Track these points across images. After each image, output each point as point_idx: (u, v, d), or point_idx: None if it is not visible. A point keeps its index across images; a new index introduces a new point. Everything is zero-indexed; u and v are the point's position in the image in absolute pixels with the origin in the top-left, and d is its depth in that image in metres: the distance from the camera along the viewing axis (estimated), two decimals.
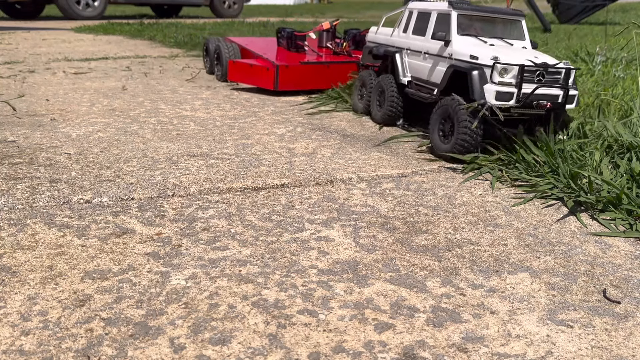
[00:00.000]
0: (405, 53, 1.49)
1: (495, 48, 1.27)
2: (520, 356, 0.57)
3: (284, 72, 1.95)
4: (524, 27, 1.38)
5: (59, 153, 1.22)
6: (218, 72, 2.29)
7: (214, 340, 0.58)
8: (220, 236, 0.83)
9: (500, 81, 1.16)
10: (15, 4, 6.87)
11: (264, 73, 1.98)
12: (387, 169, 1.18)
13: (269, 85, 1.96)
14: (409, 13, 1.52)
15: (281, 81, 1.96)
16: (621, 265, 0.78)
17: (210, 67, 2.43)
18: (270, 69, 1.95)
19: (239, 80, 2.08)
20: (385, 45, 1.59)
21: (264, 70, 1.97)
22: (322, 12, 10.37)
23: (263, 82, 1.99)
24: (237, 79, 2.09)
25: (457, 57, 1.28)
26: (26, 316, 0.61)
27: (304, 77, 2.00)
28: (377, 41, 1.66)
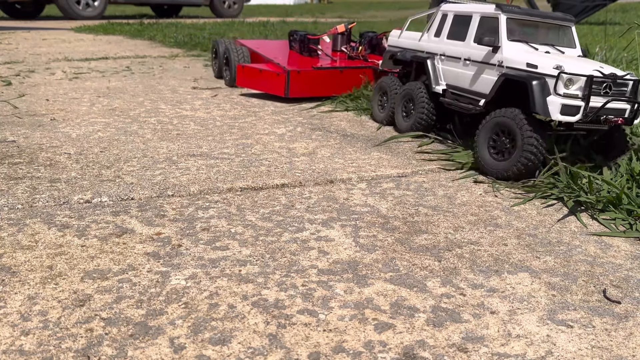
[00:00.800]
0: (439, 59, 1.38)
1: (553, 56, 1.16)
2: (520, 356, 0.57)
3: (295, 77, 1.84)
4: (574, 34, 1.28)
5: (59, 153, 1.22)
6: (227, 76, 2.18)
7: (214, 340, 0.58)
8: (220, 236, 0.83)
9: (565, 93, 1.05)
10: (15, 4, 6.87)
11: (274, 79, 1.86)
12: (387, 168, 1.18)
13: (280, 92, 1.85)
14: (442, 16, 1.40)
15: (292, 87, 1.84)
16: (621, 265, 0.78)
17: (218, 71, 2.32)
18: (281, 74, 1.84)
19: (248, 86, 1.96)
20: (412, 50, 1.48)
21: (274, 76, 1.86)
22: (322, 12, 10.37)
23: (273, 88, 1.87)
24: (246, 84, 1.97)
25: (509, 64, 1.16)
26: (26, 316, 0.61)
27: (316, 83, 1.88)
28: (400, 45, 1.55)
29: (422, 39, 1.46)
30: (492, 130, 1.15)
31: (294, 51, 2.20)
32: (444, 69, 1.37)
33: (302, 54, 2.13)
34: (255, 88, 1.95)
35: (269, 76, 1.88)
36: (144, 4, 7.35)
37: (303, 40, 2.13)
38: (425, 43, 1.45)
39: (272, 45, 2.35)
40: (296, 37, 2.18)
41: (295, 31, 2.21)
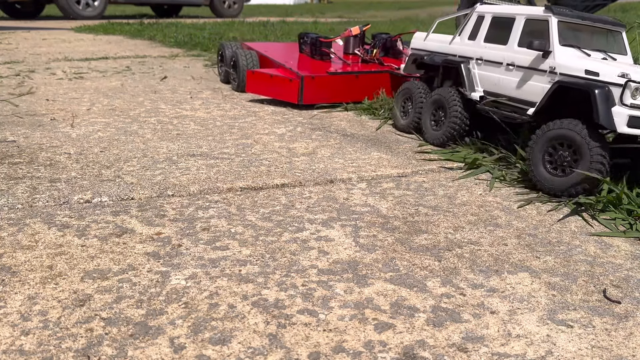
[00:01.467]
0: (475, 63, 1.28)
1: (614, 63, 1.08)
2: (520, 356, 0.57)
3: (309, 83, 1.74)
4: (624, 40, 1.20)
5: (59, 153, 1.22)
6: (234, 82, 2.07)
7: (214, 340, 0.58)
8: (220, 236, 0.83)
9: (633, 104, 0.96)
10: (15, 3, 6.87)
11: (286, 85, 1.76)
12: (387, 168, 1.18)
13: (293, 99, 1.75)
14: (478, 18, 1.31)
15: (306, 94, 1.74)
16: (621, 265, 0.78)
17: (225, 75, 2.21)
18: (294, 80, 1.74)
19: (259, 92, 1.85)
20: (442, 53, 1.39)
21: (287, 82, 1.76)
22: (322, 12, 10.37)
23: (286, 94, 1.77)
24: (256, 90, 1.85)
25: (563, 71, 1.08)
26: (26, 316, 0.61)
27: (331, 89, 1.78)
28: (427, 49, 1.46)
29: (453, 41, 1.37)
30: (549, 144, 1.05)
31: (304, 54, 2.10)
32: (481, 74, 1.27)
33: (313, 58, 2.02)
34: (265, 94, 1.84)
35: (281, 82, 1.78)
36: (144, 4, 7.35)
37: (315, 43, 2.01)
38: (457, 46, 1.35)
39: (282, 49, 2.24)
40: (307, 39, 2.07)
41: (306, 33, 2.10)
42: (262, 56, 2.06)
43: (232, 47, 2.17)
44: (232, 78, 2.10)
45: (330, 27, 5.34)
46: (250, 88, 1.87)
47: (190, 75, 2.44)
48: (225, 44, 2.20)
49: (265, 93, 1.84)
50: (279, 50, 2.18)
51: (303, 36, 2.10)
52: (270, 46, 2.30)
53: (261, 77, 1.83)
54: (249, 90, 1.88)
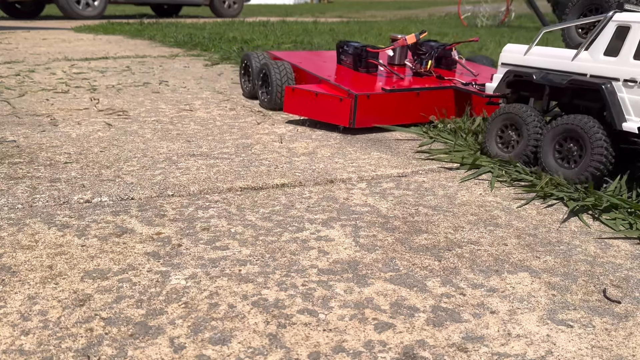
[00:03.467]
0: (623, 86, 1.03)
1: None
2: (520, 356, 0.57)
3: (364, 103, 1.46)
4: None
5: (59, 153, 1.22)
6: (264, 98, 1.78)
7: (214, 340, 0.58)
8: (220, 236, 0.83)
9: None
10: (15, 3, 6.87)
11: (335, 105, 1.48)
12: (387, 168, 1.18)
13: (342, 121, 1.47)
14: (619, 29, 1.06)
15: (360, 116, 1.46)
16: (621, 265, 0.78)
17: (251, 89, 1.91)
18: (345, 99, 1.45)
19: (299, 112, 1.56)
20: (560, 72, 1.14)
21: (336, 102, 1.47)
22: (322, 12, 10.38)
23: (333, 116, 1.49)
24: (296, 111, 1.57)
25: None
26: (26, 316, 0.61)
27: (388, 110, 1.51)
28: (530, 65, 1.20)
29: (578, 57, 1.12)
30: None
31: (344, 66, 1.82)
32: (634, 99, 1.02)
33: (357, 70, 1.74)
34: (307, 115, 1.55)
35: (328, 102, 1.49)
36: (144, 4, 7.36)
37: (360, 53, 1.72)
38: (588, 64, 1.10)
39: (315, 59, 1.98)
40: (348, 49, 1.79)
41: (346, 42, 1.81)
42: (297, 68, 1.78)
43: (259, 58, 1.89)
44: (261, 94, 1.79)
45: (330, 27, 5.34)
46: (289, 108, 1.58)
47: (191, 75, 2.44)
48: (251, 55, 1.91)
49: (307, 114, 1.55)
50: (313, 61, 1.90)
51: (343, 45, 1.82)
52: (301, 56, 2.02)
53: (303, 95, 1.54)
54: (287, 110, 1.58)
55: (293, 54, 2.05)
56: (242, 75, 1.99)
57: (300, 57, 1.95)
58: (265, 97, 1.77)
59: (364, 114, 1.47)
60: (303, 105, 1.55)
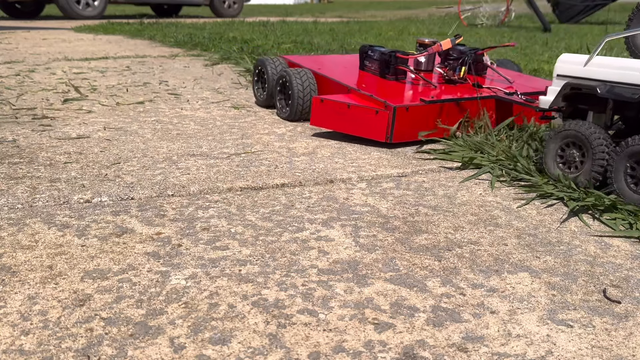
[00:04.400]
0: None
1: None
2: (520, 356, 0.57)
3: (402, 116, 1.32)
4: None
5: (59, 153, 1.22)
6: (283, 108, 1.62)
7: (214, 339, 0.58)
8: (220, 236, 0.83)
9: None
10: (15, 3, 6.87)
11: (371, 118, 1.34)
12: (387, 168, 1.18)
13: (378, 135, 1.34)
14: None
15: (398, 129, 1.33)
16: (621, 265, 0.78)
17: (266, 98, 1.74)
18: (381, 112, 1.32)
19: (328, 126, 1.42)
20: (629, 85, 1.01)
21: (371, 114, 1.34)
22: (322, 12, 10.38)
23: (368, 130, 1.36)
24: (324, 124, 1.42)
25: None
26: (26, 316, 0.61)
27: (427, 123, 1.38)
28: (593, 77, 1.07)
29: None
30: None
31: (369, 73, 1.66)
32: None
33: (384, 78, 1.58)
34: (337, 129, 1.41)
35: (362, 114, 1.36)
36: (144, 4, 7.36)
37: (388, 60, 1.57)
38: None
39: (336, 65, 1.79)
40: (373, 54, 1.63)
41: (371, 46, 1.66)
42: (318, 76, 1.61)
43: (276, 64, 1.72)
44: (279, 103, 1.64)
45: (330, 27, 5.34)
46: (316, 120, 1.43)
47: (191, 75, 2.44)
48: (266, 61, 1.73)
49: (337, 127, 1.41)
50: (333, 67, 1.74)
51: (367, 50, 1.66)
52: (320, 61, 1.83)
53: (334, 107, 1.39)
54: (314, 123, 1.43)
55: (310, 59, 1.86)
56: (255, 82, 1.80)
57: (318, 63, 1.77)
58: (285, 108, 1.61)
59: (402, 127, 1.34)
60: (333, 118, 1.41)
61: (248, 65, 2.63)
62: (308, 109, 1.57)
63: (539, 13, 5.35)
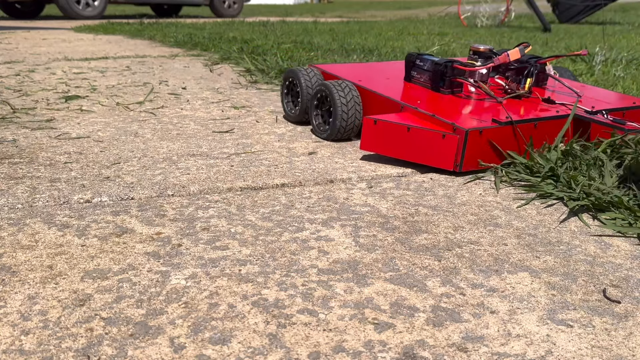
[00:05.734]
0: None
1: None
2: (520, 356, 0.57)
3: (475, 141, 1.12)
4: None
5: (59, 153, 1.22)
6: (320, 126, 1.42)
7: (214, 339, 0.58)
8: (220, 236, 0.83)
9: None
10: (15, 3, 6.87)
11: (436, 143, 1.14)
12: (387, 168, 1.18)
13: (445, 163, 1.14)
14: None
15: (469, 157, 1.13)
16: (621, 265, 0.78)
17: (299, 114, 1.52)
18: (448, 135, 1.12)
19: (383, 151, 1.21)
20: None
21: (437, 139, 1.13)
22: (322, 12, 10.38)
23: (432, 156, 1.15)
24: (378, 148, 1.22)
25: None
26: (26, 316, 0.61)
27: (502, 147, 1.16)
28: None
29: None
30: None
31: (416, 84, 1.46)
32: None
33: (438, 91, 1.38)
34: (395, 155, 1.20)
35: (426, 138, 1.15)
36: (144, 4, 7.36)
37: (444, 71, 1.36)
38: None
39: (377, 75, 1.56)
40: (423, 64, 1.43)
41: (420, 55, 1.46)
42: (361, 89, 1.40)
43: (310, 76, 1.51)
44: (316, 120, 1.43)
45: (330, 27, 5.34)
46: (368, 144, 1.23)
47: (191, 75, 2.44)
48: (299, 72, 1.52)
49: (393, 153, 1.20)
50: (374, 78, 1.52)
51: (415, 59, 1.46)
52: (357, 71, 1.60)
53: (389, 129, 1.20)
54: (366, 147, 1.23)
55: (345, 68, 1.63)
56: (285, 95, 1.60)
57: (356, 73, 1.56)
58: (323, 126, 1.41)
59: (473, 153, 1.13)
60: (389, 142, 1.20)
61: (248, 65, 2.63)
62: (352, 128, 1.36)
63: (539, 13, 5.36)
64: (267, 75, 2.41)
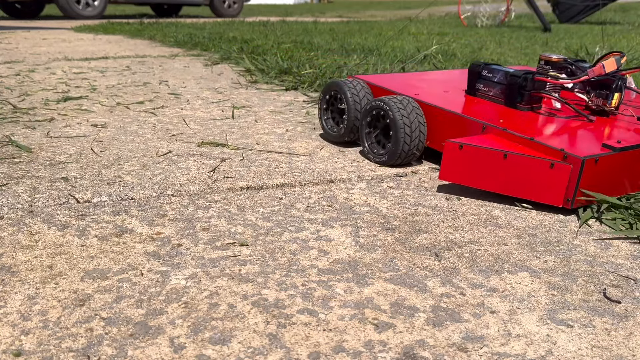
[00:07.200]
0: None
1: None
2: (520, 356, 0.57)
3: (590, 171, 0.94)
4: None
5: (59, 153, 1.22)
6: (375, 149, 1.22)
7: (214, 339, 0.58)
8: (220, 236, 0.83)
9: None
10: (15, 3, 6.87)
11: (542, 173, 0.95)
12: (387, 168, 1.18)
13: (553, 198, 0.95)
14: None
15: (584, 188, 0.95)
16: (621, 265, 0.78)
17: (344, 133, 1.32)
18: (558, 164, 0.93)
19: (470, 181, 1.03)
20: None
21: (544, 168, 0.95)
22: (322, 12, 10.38)
23: (535, 189, 0.97)
24: (464, 178, 1.03)
25: None
26: (26, 316, 0.61)
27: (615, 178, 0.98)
28: None
29: None
30: None
31: (484, 99, 1.27)
32: None
33: (515, 107, 1.19)
34: (484, 186, 1.02)
35: (527, 168, 0.97)
36: (144, 4, 7.37)
37: (523, 84, 1.17)
38: None
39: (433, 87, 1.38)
40: (493, 75, 1.25)
41: (487, 65, 1.27)
42: (423, 105, 1.21)
43: (357, 88, 1.32)
44: (368, 139, 1.23)
45: (330, 27, 5.34)
46: (450, 174, 1.04)
47: (191, 75, 2.44)
48: (344, 84, 1.32)
49: (483, 184, 1.02)
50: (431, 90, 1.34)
51: (482, 69, 1.28)
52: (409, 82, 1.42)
53: (480, 156, 1.01)
54: (447, 177, 1.05)
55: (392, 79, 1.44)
56: (324, 110, 1.40)
57: (409, 85, 1.37)
58: (377, 149, 1.22)
59: (588, 186, 0.95)
60: (478, 171, 1.02)
61: (248, 65, 2.63)
62: (415, 152, 1.16)
63: (539, 13, 5.36)
64: (267, 75, 2.41)
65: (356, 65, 2.43)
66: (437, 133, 1.19)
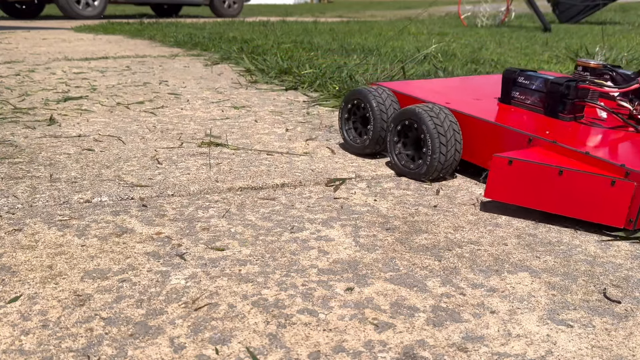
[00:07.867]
0: None
1: None
2: (520, 356, 0.57)
3: None
4: None
5: (59, 153, 1.22)
6: (403, 160, 1.13)
7: (214, 339, 0.58)
8: (220, 236, 0.83)
9: None
10: (15, 3, 6.88)
11: (602, 192, 0.87)
12: (387, 168, 1.18)
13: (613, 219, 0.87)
14: None
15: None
16: (621, 265, 0.78)
17: (369, 144, 1.23)
18: (620, 182, 0.85)
19: (519, 200, 0.95)
20: None
21: (604, 186, 0.87)
22: (322, 12, 10.38)
23: (593, 209, 0.88)
24: (513, 197, 0.95)
25: None
26: (26, 316, 0.61)
27: None
28: None
29: None
30: None
31: (521, 107, 1.19)
32: None
33: (557, 117, 1.11)
34: (536, 205, 0.93)
35: (585, 185, 0.88)
36: (144, 4, 7.37)
37: (565, 92, 1.10)
38: None
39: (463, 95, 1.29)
40: (530, 82, 1.17)
41: (523, 71, 1.19)
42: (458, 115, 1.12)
43: (383, 97, 1.22)
44: (396, 149, 1.14)
45: (330, 27, 5.34)
46: (497, 191, 0.96)
47: (191, 75, 2.44)
48: (368, 93, 1.23)
49: (535, 203, 0.93)
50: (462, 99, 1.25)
51: (517, 75, 1.20)
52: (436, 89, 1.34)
53: (532, 172, 0.93)
54: (493, 195, 0.96)
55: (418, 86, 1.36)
56: (345, 121, 1.30)
57: (438, 93, 1.29)
58: (411, 163, 1.12)
59: None
60: (528, 188, 0.93)
61: (248, 65, 2.63)
62: (450, 165, 1.09)
63: (539, 13, 5.36)
64: (267, 75, 2.41)
65: (356, 65, 2.43)
66: (471, 145, 1.11)
